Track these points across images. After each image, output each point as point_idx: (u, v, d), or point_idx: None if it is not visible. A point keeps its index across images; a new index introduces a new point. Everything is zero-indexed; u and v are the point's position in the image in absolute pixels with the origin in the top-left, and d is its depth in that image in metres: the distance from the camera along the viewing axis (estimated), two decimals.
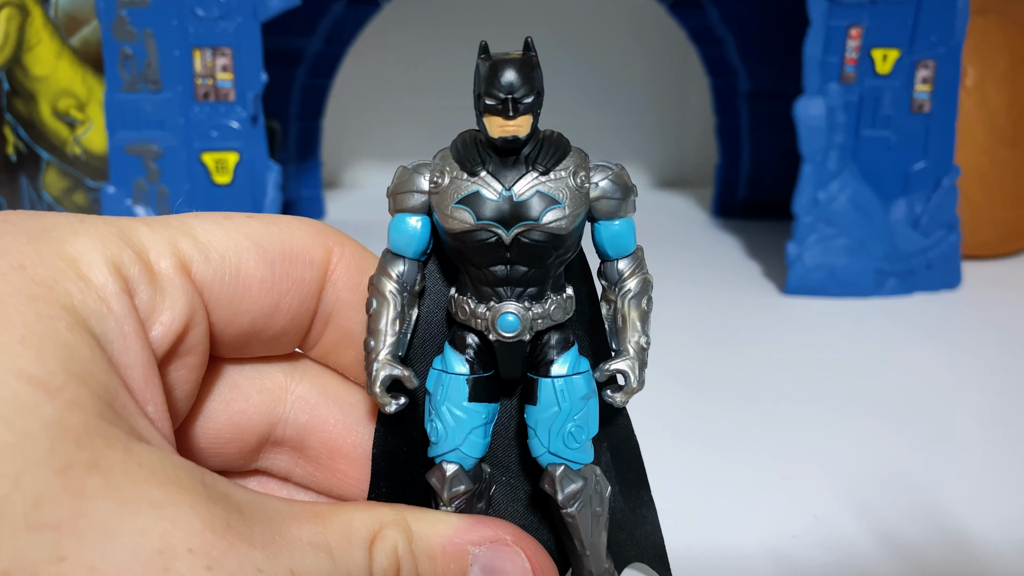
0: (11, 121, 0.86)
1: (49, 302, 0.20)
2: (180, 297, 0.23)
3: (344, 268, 0.27)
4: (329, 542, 0.21)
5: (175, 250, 0.24)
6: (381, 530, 0.23)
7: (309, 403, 0.29)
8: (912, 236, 0.73)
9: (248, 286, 0.25)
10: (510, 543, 0.25)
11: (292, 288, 0.26)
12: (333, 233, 0.27)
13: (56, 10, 0.84)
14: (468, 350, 0.27)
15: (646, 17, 1.11)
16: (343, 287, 0.27)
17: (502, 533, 0.25)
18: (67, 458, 0.18)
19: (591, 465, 0.28)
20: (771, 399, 0.52)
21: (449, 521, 0.25)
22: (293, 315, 0.27)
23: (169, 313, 0.23)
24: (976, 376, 0.56)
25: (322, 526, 0.22)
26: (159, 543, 0.18)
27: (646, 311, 0.27)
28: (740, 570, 0.35)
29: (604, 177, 0.26)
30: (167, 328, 0.23)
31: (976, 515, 0.39)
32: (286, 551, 0.20)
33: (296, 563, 0.20)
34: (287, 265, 0.26)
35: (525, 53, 0.24)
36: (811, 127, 0.70)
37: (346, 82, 1.05)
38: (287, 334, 0.27)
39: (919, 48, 0.71)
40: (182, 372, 0.25)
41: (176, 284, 0.23)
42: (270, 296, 0.26)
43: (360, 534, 0.22)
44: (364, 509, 0.23)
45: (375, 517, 0.23)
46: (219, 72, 0.72)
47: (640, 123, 1.18)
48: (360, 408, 0.29)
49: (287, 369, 0.29)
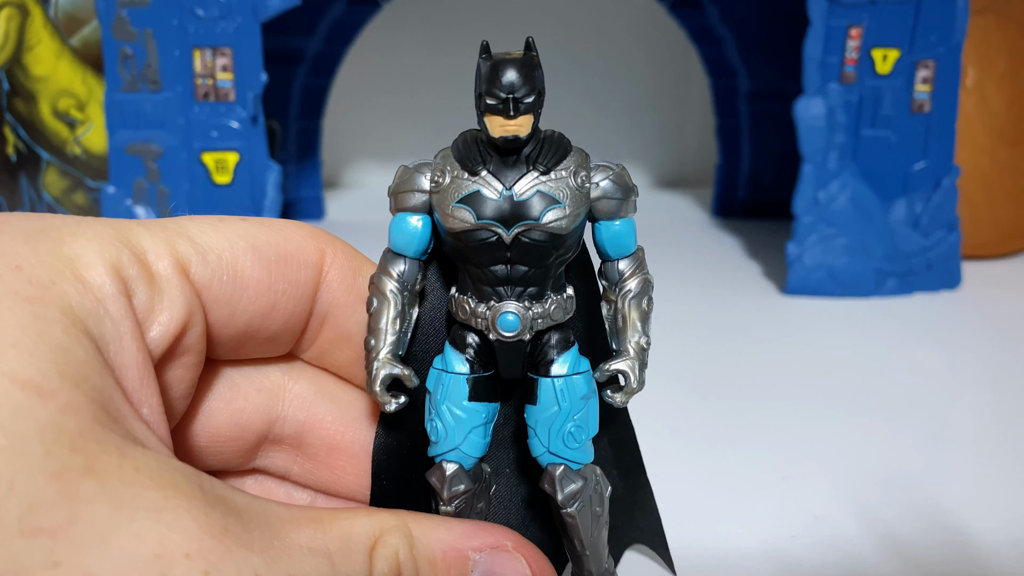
0: (11, 121, 0.86)
1: (45, 304, 0.20)
2: (178, 297, 0.23)
3: (338, 269, 0.27)
4: (328, 547, 0.21)
5: (173, 251, 0.24)
6: (382, 536, 0.23)
7: (307, 401, 0.29)
8: (912, 236, 0.73)
9: (245, 287, 0.25)
10: (511, 549, 0.25)
11: (288, 289, 0.26)
12: (325, 235, 0.28)
13: (56, 10, 0.84)
14: (468, 349, 0.27)
15: (646, 17, 1.11)
16: (338, 288, 0.27)
17: (503, 539, 0.25)
18: (62, 462, 0.18)
19: (591, 465, 0.28)
20: (771, 399, 0.52)
21: (450, 527, 0.25)
22: (289, 316, 0.27)
23: (167, 313, 0.23)
24: (976, 376, 0.56)
25: (322, 531, 0.22)
26: (156, 548, 0.18)
27: (646, 311, 0.28)
28: (740, 570, 0.35)
29: (605, 177, 0.26)
30: (165, 328, 0.23)
31: (976, 515, 0.39)
32: (285, 556, 0.20)
33: (295, 568, 0.20)
34: (283, 266, 0.26)
35: (526, 53, 0.24)
36: (811, 127, 0.70)
37: (346, 82, 1.05)
38: (283, 335, 0.27)
39: (919, 48, 0.71)
40: (179, 372, 0.25)
41: (174, 285, 0.23)
42: (267, 297, 0.26)
43: (360, 540, 0.22)
44: (365, 515, 0.23)
45: (376, 523, 0.23)
46: (219, 72, 0.72)
47: (640, 123, 1.18)
48: (357, 405, 0.29)
49: (284, 369, 0.29)
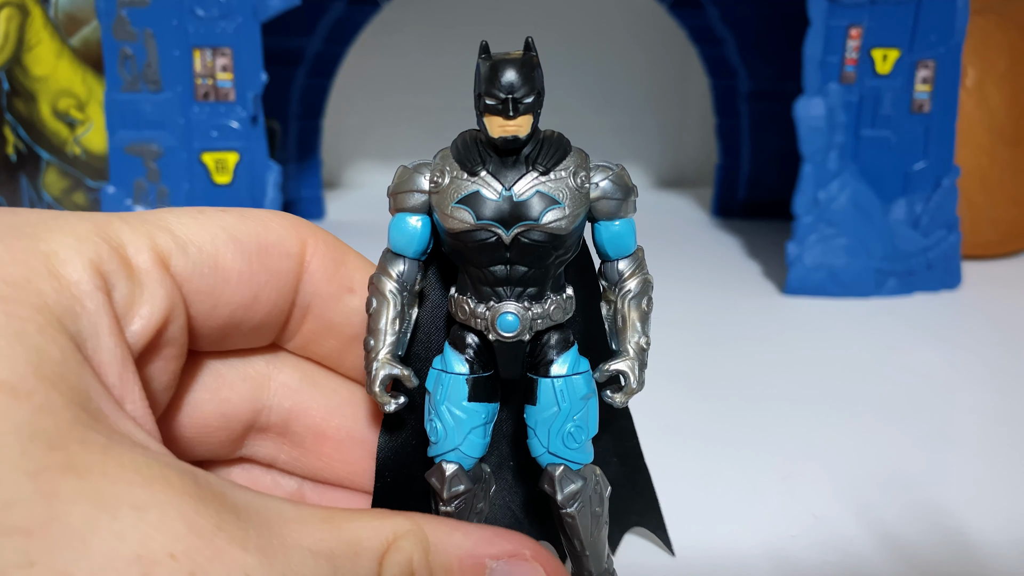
0: (11, 121, 0.86)
1: (20, 303, 0.19)
2: (159, 291, 0.23)
3: (320, 259, 0.27)
4: (333, 549, 0.20)
5: (153, 244, 0.24)
6: (396, 541, 0.22)
7: (292, 390, 0.29)
8: (912, 236, 0.73)
9: (227, 278, 0.25)
10: (529, 558, 0.24)
11: (270, 280, 0.26)
12: (307, 225, 0.28)
13: (56, 10, 0.84)
14: (468, 350, 0.27)
15: (646, 17, 1.11)
16: (320, 278, 0.27)
17: (521, 547, 0.24)
18: (40, 461, 0.17)
19: (591, 465, 0.28)
20: (771, 399, 0.52)
21: (467, 532, 0.24)
22: (272, 306, 0.27)
23: (148, 307, 0.23)
24: (976, 376, 0.56)
25: (329, 532, 0.21)
26: (138, 548, 0.17)
27: (646, 311, 0.28)
28: (740, 570, 0.35)
29: (604, 177, 0.26)
30: (146, 322, 0.23)
31: (976, 515, 0.39)
32: (282, 557, 0.19)
33: (291, 569, 0.19)
34: (264, 257, 0.26)
35: (525, 53, 0.24)
36: (811, 127, 0.70)
37: (346, 82, 1.05)
38: (266, 326, 0.27)
39: (919, 48, 0.71)
40: (161, 364, 0.24)
41: (155, 278, 0.23)
42: (249, 288, 0.26)
43: (371, 544, 0.21)
44: (378, 517, 0.22)
45: (389, 526, 0.22)
46: (219, 72, 0.71)
47: (640, 123, 1.18)
48: (342, 393, 0.29)
49: (268, 359, 0.29)
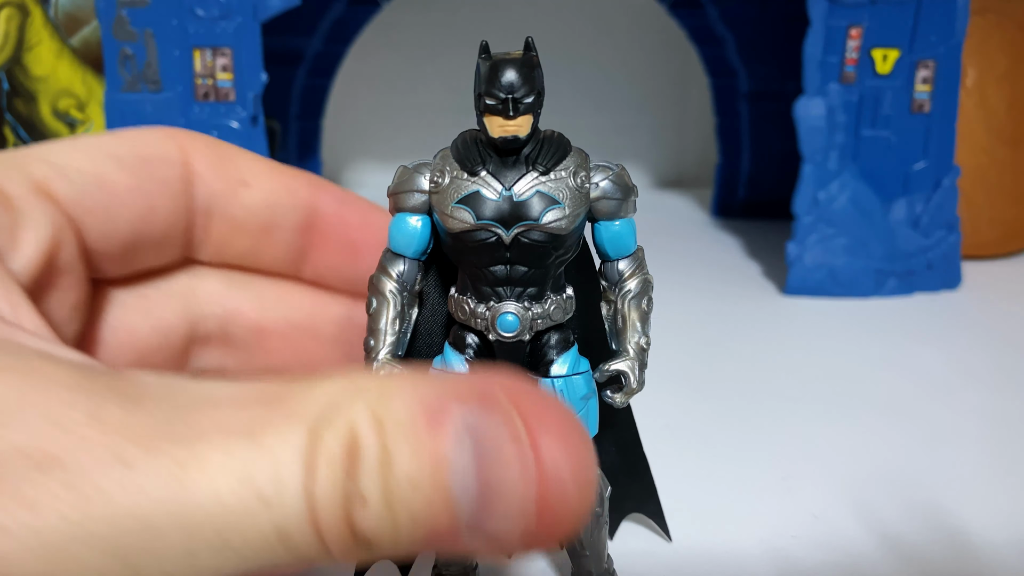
0: (11, 121, 0.86)
1: None
2: (40, 217, 0.23)
3: (204, 159, 0.27)
4: (253, 428, 0.16)
5: (27, 174, 0.23)
6: (338, 403, 0.17)
7: (221, 295, 0.29)
8: (912, 236, 0.73)
9: (115, 193, 0.25)
10: (503, 399, 0.17)
11: (159, 188, 0.26)
12: (182, 132, 0.27)
13: (56, 10, 0.84)
14: (468, 350, 0.27)
15: (646, 17, 1.11)
16: (210, 177, 0.27)
17: (491, 388, 0.17)
18: None
19: None
20: (771, 399, 0.52)
21: (417, 383, 0.17)
22: (168, 214, 0.26)
23: (32, 233, 0.22)
24: (976, 376, 0.56)
25: (263, 408, 0.16)
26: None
27: (646, 312, 0.28)
28: (740, 570, 0.35)
29: (604, 177, 0.26)
30: (33, 249, 0.22)
31: (976, 515, 0.39)
32: (181, 443, 0.15)
33: (190, 454, 0.15)
34: (147, 167, 0.26)
35: (525, 53, 0.24)
36: (811, 127, 0.70)
37: (346, 82, 1.05)
38: (171, 237, 0.27)
39: (919, 48, 0.71)
40: (61, 295, 0.24)
41: (34, 204, 0.23)
42: (140, 200, 0.26)
43: (307, 411, 0.16)
44: (327, 382, 0.17)
45: (335, 389, 0.17)
46: (219, 72, 0.71)
47: (640, 123, 1.18)
48: (271, 288, 0.29)
49: (190, 273, 0.29)
